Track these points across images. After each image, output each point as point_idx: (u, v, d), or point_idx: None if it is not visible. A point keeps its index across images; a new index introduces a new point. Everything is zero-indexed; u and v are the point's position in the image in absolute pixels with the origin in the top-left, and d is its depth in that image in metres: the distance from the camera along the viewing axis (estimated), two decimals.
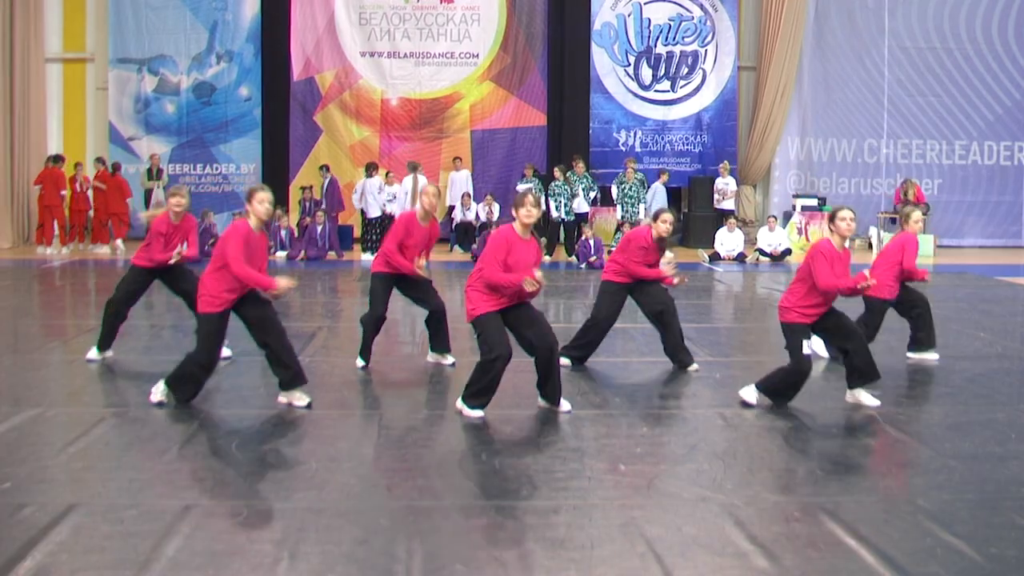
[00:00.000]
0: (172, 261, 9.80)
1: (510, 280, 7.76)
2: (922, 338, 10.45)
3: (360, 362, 9.81)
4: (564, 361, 9.80)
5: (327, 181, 21.61)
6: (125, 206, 21.80)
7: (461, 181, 22.76)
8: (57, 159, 21.30)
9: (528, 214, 7.94)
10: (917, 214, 10.40)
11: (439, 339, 10.01)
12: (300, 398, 8.22)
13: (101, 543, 5.30)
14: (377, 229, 20.94)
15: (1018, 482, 6.54)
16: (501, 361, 7.77)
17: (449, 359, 9.95)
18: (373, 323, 9.79)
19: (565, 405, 8.15)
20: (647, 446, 7.29)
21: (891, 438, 7.62)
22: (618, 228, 21.42)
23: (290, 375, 8.22)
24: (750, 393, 8.40)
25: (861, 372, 8.39)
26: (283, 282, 7.96)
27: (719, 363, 10.40)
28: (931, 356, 10.41)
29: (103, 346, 10.10)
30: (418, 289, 9.88)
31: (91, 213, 21.56)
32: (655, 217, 9.94)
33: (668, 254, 9.96)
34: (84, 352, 10.14)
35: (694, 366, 9.88)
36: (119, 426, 7.62)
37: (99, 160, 21.96)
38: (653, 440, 7.45)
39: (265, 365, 9.74)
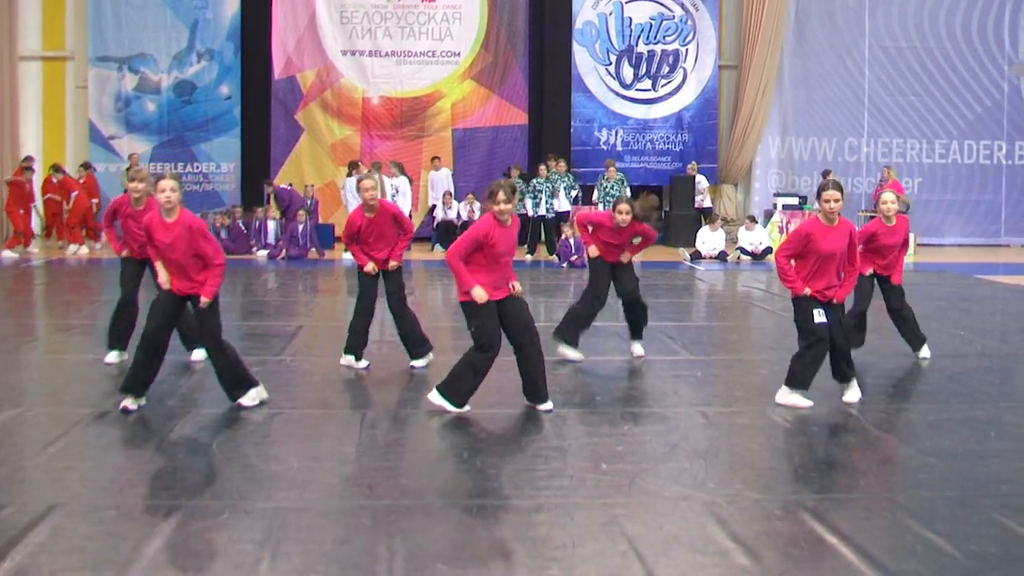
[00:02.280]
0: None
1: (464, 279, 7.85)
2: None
3: (349, 360, 9.68)
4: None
5: (271, 193, 21.75)
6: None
7: (441, 180, 22.77)
8: (28, 169, 21.23)
9: (500, 211, 7.86)
10: (887, 195, 10.14)
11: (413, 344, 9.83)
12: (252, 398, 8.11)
13: (81, 544, 5.27)
14: None
15: (998, 479, 6.57)
16: (494, 352, 7.90)
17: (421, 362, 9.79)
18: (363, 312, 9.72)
19: (547, 404, 8.16)
20: (629, 445, 7.29)
21: (872, 436, 7.64)
22: None
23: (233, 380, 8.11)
24: (784, 395, 8.30)
25: (840, 373, 8.43)
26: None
27: (700, 361, 10.41)
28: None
29: (117, 346, 9.81)
30: (389, 284, 9.74)
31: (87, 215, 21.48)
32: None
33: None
34: (63, 351, 10.08)
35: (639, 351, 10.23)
36: (99, 426, 7.58)
37: (55, 167, 21.75)
38: (635, 439, 7.46)
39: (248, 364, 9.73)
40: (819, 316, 8.15)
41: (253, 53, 23.66)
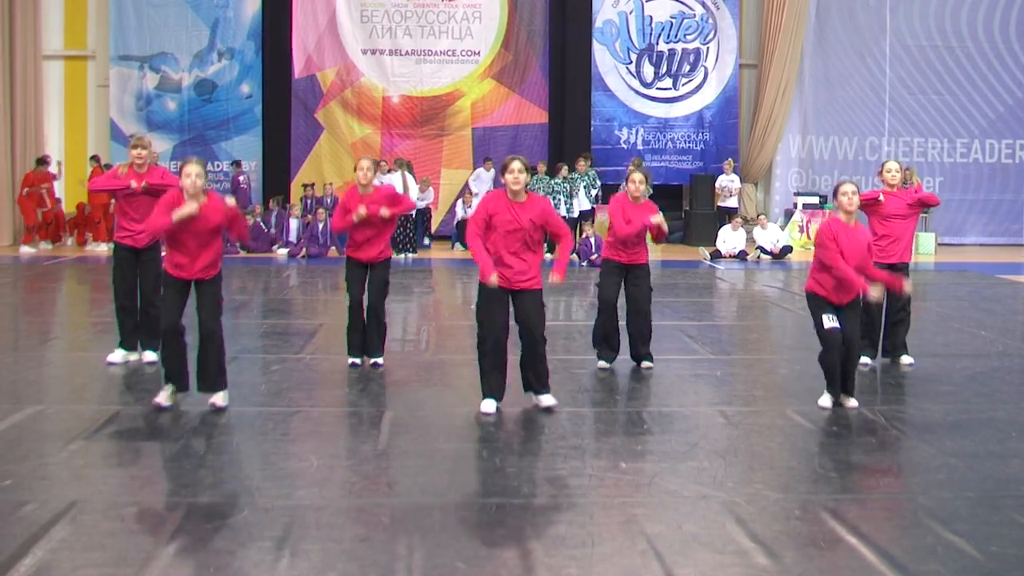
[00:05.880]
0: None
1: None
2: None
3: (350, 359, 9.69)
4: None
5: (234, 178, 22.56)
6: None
7: (487, 181, 22.74)
8: (39, 161, 21.48)
9: (515, 180, 7.78)
10: (891, 163, 9.91)
11: (368, 340, 9.67)
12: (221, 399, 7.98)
13: (102, 540, 5.30)
14: None
15: (1018, 480, 6.54)
16: (490, 341, 7.87)
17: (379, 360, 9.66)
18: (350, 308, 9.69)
19: (549, 400, 8.09)
20: (648, 444, 7.29)
21: (892, 436, 7.62)
22: None
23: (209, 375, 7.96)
24: (825, 399, 8.27)
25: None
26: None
27: (720, 361, 10.40)
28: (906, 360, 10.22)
29: (125, 345, 9.66)
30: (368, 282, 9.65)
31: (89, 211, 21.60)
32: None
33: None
34: (84, 349, 10.13)
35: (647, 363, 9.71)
36: (120, 423, 7.62)
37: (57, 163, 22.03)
38: (654, 438, 7.45)
39: (265, 363, 9.79)
40: (828, 321, 8.13)
41: (273, 52, 23.70)
